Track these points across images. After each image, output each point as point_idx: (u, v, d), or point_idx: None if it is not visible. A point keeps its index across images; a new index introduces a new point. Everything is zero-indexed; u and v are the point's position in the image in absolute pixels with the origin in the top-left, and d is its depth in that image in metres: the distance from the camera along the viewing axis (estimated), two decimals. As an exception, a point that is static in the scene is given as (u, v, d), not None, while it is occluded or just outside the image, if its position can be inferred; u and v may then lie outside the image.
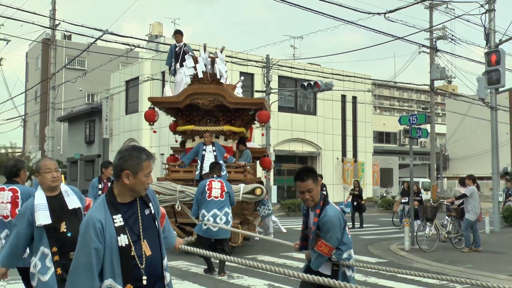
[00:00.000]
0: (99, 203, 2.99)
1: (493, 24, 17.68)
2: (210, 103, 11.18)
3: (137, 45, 21.96)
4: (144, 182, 3.01)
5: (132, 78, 32.68)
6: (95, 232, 2.85)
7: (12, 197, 4.96)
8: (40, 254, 4.15)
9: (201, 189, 8.83)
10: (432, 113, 27.05)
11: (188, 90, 11.16)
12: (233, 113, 11.80)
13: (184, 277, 8.29)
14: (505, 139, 38.59)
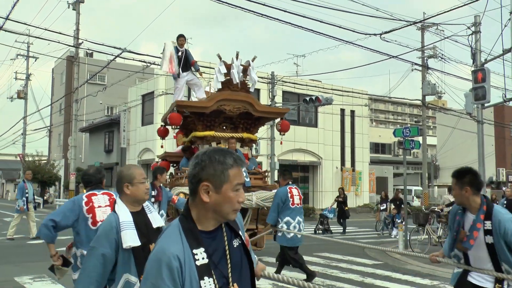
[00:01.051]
0: (173, 231, 1.90)
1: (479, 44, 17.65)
2: (237, 110, 10.55)
3: (152, 62, 22.05)
4: (232, 200, 1.91)
5: (147, 93, 32.77)
6: (170, 274, 1.78)
7: (110, 200, 4.26)
8: (124, 283, 3.10)
9: (284, 196, 8.13)
10: (424, 126, 26.93)
11: (218, 96, 10.41)
12: (254, 121, 11.24)
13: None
14: (490, 150, 38.41)
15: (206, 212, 1.90)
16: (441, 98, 38.58)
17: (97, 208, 4.16)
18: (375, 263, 10.61)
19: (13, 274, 8.26)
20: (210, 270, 1.85)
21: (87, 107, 40.15)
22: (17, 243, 12.85)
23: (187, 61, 11.73)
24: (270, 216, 8.24)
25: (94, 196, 4.26)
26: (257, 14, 13.13)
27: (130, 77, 33.16)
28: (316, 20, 13.78)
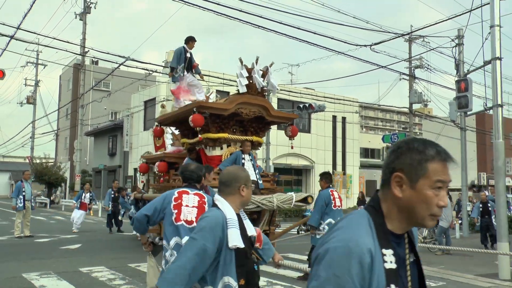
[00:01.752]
0: (361, 222, 1.49)
1: (462, 56, 17.76)
2: (253, 114, 10.11)
3: (154, 70, 22.06)
4: (429, 200, 1.47)
5: (150, 99, 32.78)
6: (361, 271, 1.38)
7: (199, 201, 4.11)
8: (222, 286, 2.72)
9: (327, 199, 7.94)
10: (411, 132, 27.00)
11: (238, 99, 9.93)
12: (264, 125, 10.87)
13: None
14: (472, 156, 38.50)
15: (398, 210, 1.49)
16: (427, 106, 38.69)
17: (183, 207, 4.06)
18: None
19: (21, 271, 8.22)
20: (397, 277, 1.45)
21: (92, 113, 40.13)
22: (24, 241, 12.80)
23: (190, 63, 11.46)
24: (313, 218, 8.03)
25: (185, 195, 4.14)
26: (254, 25, 13.18)
27: (133, 84, 33.11)
28: (310, 32, 13.85)
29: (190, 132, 10.78)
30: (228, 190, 2.91)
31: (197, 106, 9.60)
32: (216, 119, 10.01)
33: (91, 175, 41.60)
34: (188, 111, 9.83)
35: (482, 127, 37.48)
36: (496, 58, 9.48)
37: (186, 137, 11.00)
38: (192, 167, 4.37)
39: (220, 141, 10.16)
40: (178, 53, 11.36)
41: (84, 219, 16.79)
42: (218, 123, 10.10)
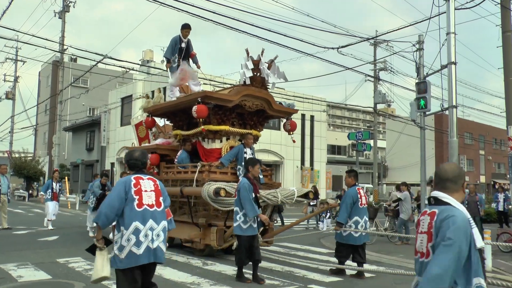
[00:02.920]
0: None
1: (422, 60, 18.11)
2: (255, 107, 9.48)
3: (131, 68, 21.79)
4: None
5: (126, 96, 32.48)
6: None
7: (154, 185, 4.18)
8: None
9: (355, 196, 7.56)
10: (375, 130, 27.40)
11: (244, 91, 9.21)
12: (264, 118, 10.29)
13: (165, 264, 8.21)
14: (431, 153, 39.39)
15: None
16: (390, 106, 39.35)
17: (143, 192, 4.05)
18: (329, 251, 10.75)
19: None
20: None
21: (70, 108, 39.44)
22: (2, 233, 12.51)
23: (188, 52, 10.69)
24: (341, 216, 7.58)
25: (141, 180, 4.14)
26: (227, 27, 13.16)
27: (110, 81, 32.63)
28: (281, 34, 13.91)
29: (185, 123, 10.18)
30: (455, 187, 2.74)
31: (202, 96, 8.89)
32: (219, 110, 9.36)
33: (69, 169, 40.88)
34: (190, 101, 9.16)
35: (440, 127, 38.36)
36: (452, 62, 9.73)
37: (180, 129, 10.32)
38: (137, 154, 4.32)
39: (221, 134, 9.54)
40: (173, 42, 10.61)
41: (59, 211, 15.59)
42: (220, 115, 9.44)
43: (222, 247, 8.65)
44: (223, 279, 6.95)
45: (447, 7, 9.95)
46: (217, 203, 8.15)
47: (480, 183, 48.17)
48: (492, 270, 8.64)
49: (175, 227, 4.67)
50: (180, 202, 9.75)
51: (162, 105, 10.76)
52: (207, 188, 8.05)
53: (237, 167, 9.16)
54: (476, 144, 49.99)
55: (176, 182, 9.76)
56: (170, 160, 10.60)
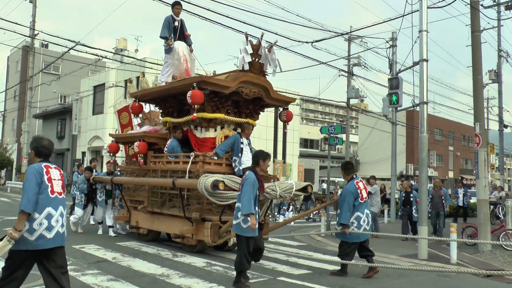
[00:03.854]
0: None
1: (395, 56, 18.36)
2: (253, 94, 8.84)
3: (104, 56, 21.38)
4: None
5: (99, 84, 31.94)
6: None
7: (60, 175, 4.30)
8: None
9: (355, 193, 7.01)
10: (347, 125, 27.67)
11: (242, 77, 8.59)
12: (260, 107, 9.67)
13: (135, 255, 8.14)
14: (402, 148, 40.04)
15: None
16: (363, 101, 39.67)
17: (53, 180, 4.18)
18: (299, 244, 10.84)
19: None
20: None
21: (41, 95, 38.48)
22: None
23: (182, 32, 9.98)
24: (344, 216, 6.96)
25: (50, 169, 4.23)
26: (201, 17, 13.00)
27: (83, 69, 32.05)
28: (255, 27, 13.85)
29: (176, 110, 9.54)
30: None
31: (198, 81, 8.27)
32: (214, 97, 8.69)
33: (39, 157, 40.04)
34: (184, 86, 8.53)
35: (411, 123, 38.99)
36: (424, 60, 9.86)
37: (170, 116, 9.67)
38: (45, 142, 4.36)
39: (216, 122, 8.88)
40: (166, 22, 9.81)
41: None
42: (215, 102, 8.78)
43: (217, 243, 8.13)
44: (193, 271, 6.92)
45: (420, 5, 10.06)
46: (214, 197, 7.43)
47: (449, 178, 49.26)
48: (457, 263, 8.86)
49: None
50: (170, 194, 9.06)
51: (152, 90, 10.03)
52: (204, 181, 7.35)
53: (232, 158, 8.59)
54: (445, 140, 51.06)
55: (166, 173, 9.12)
56: (158, 149, 9.97)
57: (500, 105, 26.12)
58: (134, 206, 10.19)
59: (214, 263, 7.58)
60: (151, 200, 9.55)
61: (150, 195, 9.59)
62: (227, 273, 6.87)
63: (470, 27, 11.94)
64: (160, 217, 9.37)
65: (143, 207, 9.71)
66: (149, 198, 9.59)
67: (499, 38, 24.69)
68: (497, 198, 18.29)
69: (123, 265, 7.15)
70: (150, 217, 9.64)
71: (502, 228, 11.90)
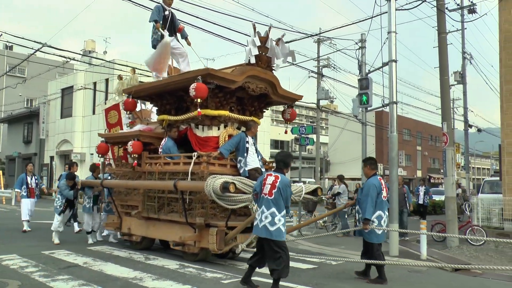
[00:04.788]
0: None
1: (364, 58, 18.62)
2: (259, 90, 8.20)
3: (72, 58, 20.94)
4: None
5: (67, 87, 31.26)
6: None
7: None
8: None
9: (379, 188, 6.66)
10: (318, 126, 27.93)
11: (249, 71, 7.93)
12: (265, 104, 9.05)
13: (107, 259, 7.99)
14: (371, 148, 40.63)
15: None
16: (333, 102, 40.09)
17: None
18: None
19: None
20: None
21: (6, 99, 37.53)
22: None
23: (173, 25, 9.35)
24: (368, 210, 6.58)
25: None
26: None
27: (50, 71, 31.36)
28: (224, 27, 13.82)
29: (173, 107, 8.80)
30: None
31: (204, 73, 7.49)
32: (218, 92, 7.96)
33: (4, 162, 38.86)
34: (186, 80, 7.78)
35: (380, 123, 39.68)
36: (392, 60, 10.04)
37: (166, 113, 8.91)
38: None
39: (219, 120, 8.18)
40: (156, 9, 9.13)
41: None
42: (220, 97, 8.04)
43: (223, 251, 7.40)
44: (166, 273, 6.84)
45: (388, 7, 10.24)
46: (223, 200, 6.84)
47: (417, 177, 50.29)
48: (427, 258, 9.06)
49: None
50: (169, 198, 8.23)
51: (147, 85, 9.21)
52: (212, 182, 6.71)
53: (237, 159, 8.02)
54: (413, 140, 52.16)
55: (164, 175, 8.39)
56: (153, 149, 9.22)
57: (465, 106, 26.85)
58: (125, 212, 9.45)
59: (187, 265, 7.50)
60: (146, 204, 8.68)
61: (146, 199, 8.72)
62: (200, 274, 6.82)
63: (437, 29, 12.23)
64: (156, 223, 8.60)
65: (138, 212, 8.80)
66: (144, 203, 8.72)
67: (463, 40, 25.41)
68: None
69: (94, 270, 7.01)
70: (144, 223, 8.84)
71: (469, 224, 12.22)
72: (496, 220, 13.61)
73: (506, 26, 13.95)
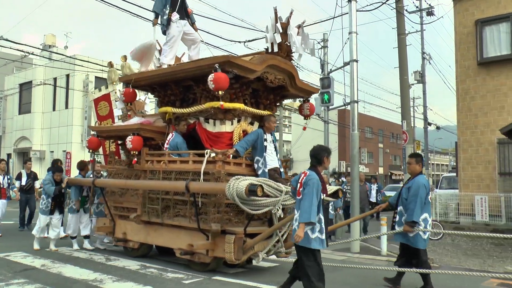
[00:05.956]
0: None
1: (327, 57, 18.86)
2: (278, 81, 7.38)
3: (31, 52, 20.27)
4: None
5: (25, 82, 30.26)
6: None
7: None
8: None
9: (428, 189, 5.97)
10: (281, 124, 28.13)
11: (270, 60, 7.12)
12: (280, 98, 8.19)
13: (66, 261, 7.79)
14: (334, 146, 41.21)
15: None
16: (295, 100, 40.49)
17: None
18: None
19: None
20: None
21: (-41, 94, 35.97)
22: None
23: (183, 6, 8.33)
24: (416, 212, 5.85)
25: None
26: (133, 15, 12.63)
27: (7, 66, 30.25)
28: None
29: (178, 99, 7.88)
30: None
31: (223, 61, 6.61)
32: (235, 83, 7.08)
33: (-42, 160, 37.35)
34: (199, 69, 6.98)
35: (342, 121, 40.23)
36: (354, 60, 10.18)
37: (170, 105, 7.94)
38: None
39: (234, 114, 7.26)
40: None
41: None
42: (235, 89, 7.17)
43: (241, 261, 6.61)
44: (127, 274, 6.72)
45: (349, 8, 10.38)
46: (248, 205, 5.96)
47: (379, 174, 51.35)
48: (387, 254, 9.25)
49: None
50: (175, 200, 7.31)
51: (150, 73, 8.14)
52: (236, 185, 5.84)
53: (254, 158, 7.16)
54: (375, 138, 53.18)
55: (169, 174, 7.39)
56: (153, 145, 8.25)
57: (425, 104, 27.62)
58: (120, 214, 8.49)
59: (148, 265, 7.40)
60: (147, 207, 7.69)
61: (146, 202, 7.73)
62: (162, 275, 6.73)
63: (397, 30, 12.49)
64: (158, 228, 7.65)
65: (137, 216, 7.84)
66: (145, 205, 7.73)
67: (422, 41, 26.13)
68: None
69: (53, 272, 6.81)
70: (143, 228, 7.88)
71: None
72: (453, 214, 14.03)
73: (461, 29, 14.40)
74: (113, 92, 9.60)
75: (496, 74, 13.73)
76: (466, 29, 14.31)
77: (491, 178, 13.50)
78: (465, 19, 14.36)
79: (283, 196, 6.05)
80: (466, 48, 14.25)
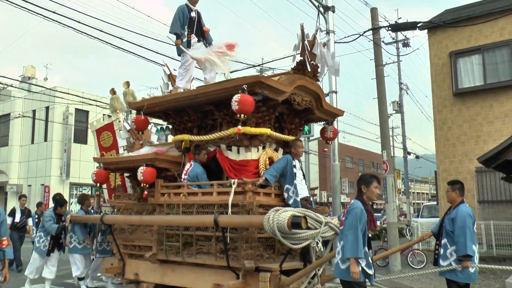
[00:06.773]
0: None
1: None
2: (304, 104, 6.75)
3: (9, 84, 20.16)
4: None
5: (3, 114, 29.89)
6: None
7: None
8: None
9: (473, 218, 5.55)
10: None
11: (298, 80, 6.56)
12: (305, 122, 7.60)
13: None
14: (315, 176, 41.40)
15: None
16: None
17: None
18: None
19: None
20: None
21: None
22: None
23: (200, 27, 7.96)
24: (469, 245, 5.32)
25: None
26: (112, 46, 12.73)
27: (-16, 98, 29.95)
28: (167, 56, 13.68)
29: (195, 125, 7.16)
30: None
31: (253, 81, 5.97)
32: (262, 106, 6.39)
33: None
34: (225, 91, 6.27)
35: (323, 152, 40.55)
36: (333, 91, 10.41)
37: (187, 132, 7.22)
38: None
39: (260, 140, 6.59)
40: (179, 13, 7.75)
41: None
42: (262, 112, 6.48)
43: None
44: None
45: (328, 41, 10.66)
46: (289, 239, 5.25)
47: (359, 203, 51.52)
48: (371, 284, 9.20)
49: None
50: (196, 236, 6.46)
51: (165, 98, 7.42)
52: (276, 217, 5.13)
53: (284, 187, 6.53)
54: (356, 167, 53.64)
55: (189, 208, 6.55)
56: (168, 177, 7.49)
57: (404, 134, 28.11)
58: (130, 253, 7.61)
59: None
60: (165, 244, 6.76)
61: (164, 238, 6.82)
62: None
63: (374, 62, 12.81)
64: (176, 268, 6.77)
65: (153, 254, 6.89)
66: (161, 242, 6.83)
67: (399, 72, 26.81)
68: None
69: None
70: (159, 268, 6.96)
71: (410, 248, 12.60)
72: (434, 243, 14.07)
73: (436, 60, 14.87)
74: (117, 121, 9.08)
75: (471, 105, 14.15)
76: (441, 60, 14.78)
77: (471, 206, 13.55)
78: (439, 51, 14.85)
79: (323, 228, 5.40)
80: (442, 79, 14.68)
